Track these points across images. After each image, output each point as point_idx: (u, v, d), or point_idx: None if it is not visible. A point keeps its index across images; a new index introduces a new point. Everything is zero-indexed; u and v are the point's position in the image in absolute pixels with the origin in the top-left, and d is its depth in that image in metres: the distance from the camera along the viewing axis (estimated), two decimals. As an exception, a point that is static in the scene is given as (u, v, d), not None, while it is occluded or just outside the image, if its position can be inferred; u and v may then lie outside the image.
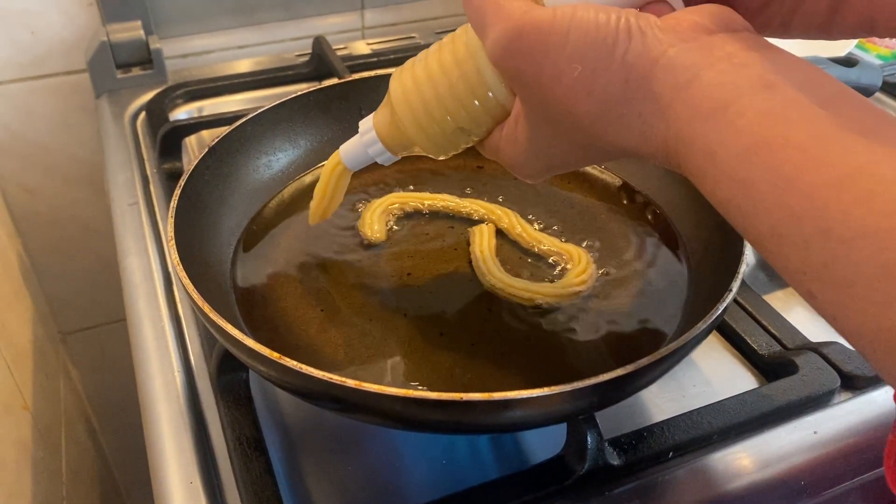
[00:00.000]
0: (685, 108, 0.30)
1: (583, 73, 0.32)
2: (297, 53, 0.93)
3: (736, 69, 0.29)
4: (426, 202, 0.60)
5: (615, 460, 0.45)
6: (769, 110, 0.27)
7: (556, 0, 0.34)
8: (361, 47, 0.95)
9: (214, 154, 0.55)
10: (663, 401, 0.51)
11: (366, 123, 0.46)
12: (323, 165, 0.51)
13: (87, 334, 1.08)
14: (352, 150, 0.48)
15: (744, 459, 0.47)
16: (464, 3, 0.36)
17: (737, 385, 0.52)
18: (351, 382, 0.37)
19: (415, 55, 0.43)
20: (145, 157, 0.76)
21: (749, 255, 0.63)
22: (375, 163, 0.48)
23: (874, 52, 0.92)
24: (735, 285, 0.43)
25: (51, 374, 0.94)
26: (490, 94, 0.39)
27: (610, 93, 0.32)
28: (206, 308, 0.41)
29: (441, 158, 0.44)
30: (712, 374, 0.53)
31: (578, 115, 0.33)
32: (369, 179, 0.62)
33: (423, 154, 0.44)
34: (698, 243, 0.54)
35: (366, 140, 0.46)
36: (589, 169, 0.63)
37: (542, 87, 0.33)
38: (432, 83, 0.40)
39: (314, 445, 0.49)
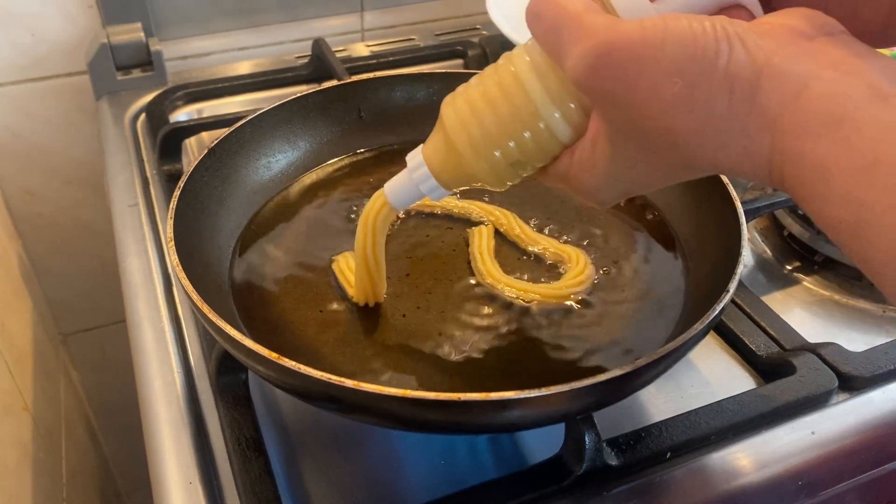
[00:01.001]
0: (794, 123, 0.28)
1: (683, 88, 0.30)
2: (297, 55, 0.93)
3: (845, 78, 0.27)
4: (424, 203, 0.60)
5: (613, 461, 0.45)
6: (887, 124, 0.26)
7: (630, 9, 0.32)
8: (361, 49, 0.95)
9: (214, 155, 0.56)
10: (661, 401, 0.51)
11: (415, 158, 0.42)
12: (318, 167, 0.50)
13: (88, 335, 1.08)
14: (400, 188, 0.44)
15: (742, 460, 0.47)
16: (531, 22, 0.35)
17: (735, 386, 0.52)
18: (349, 383, 0.37)
19: (416, 55, 0.42)
20: (145, 158, 0.76)
21: (747, 256, 0.63)
22: (374, 162, 0.47)
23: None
24: (732, 286, 0.44)
25: (51, 375, 0.94)
26: (557, 115, 0.36)
27: (713, 107, 0.30)
28: (205, 308, 0.41)
29: (499, 190, 0.41)
30: (710, 375, 0.54)
31: (675, 132, 0.31)
32: (367, 180, 0.62)
33: (481, 186, 0.41)
34: (696, 244, 0.54)
35: (418, 176, 0.42)
36: (587, 170, 0.63)
37: (635, 106, 0.31)
38: (492, 108, 0.37)
39: (313, 446, 0.49)
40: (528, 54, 0.37)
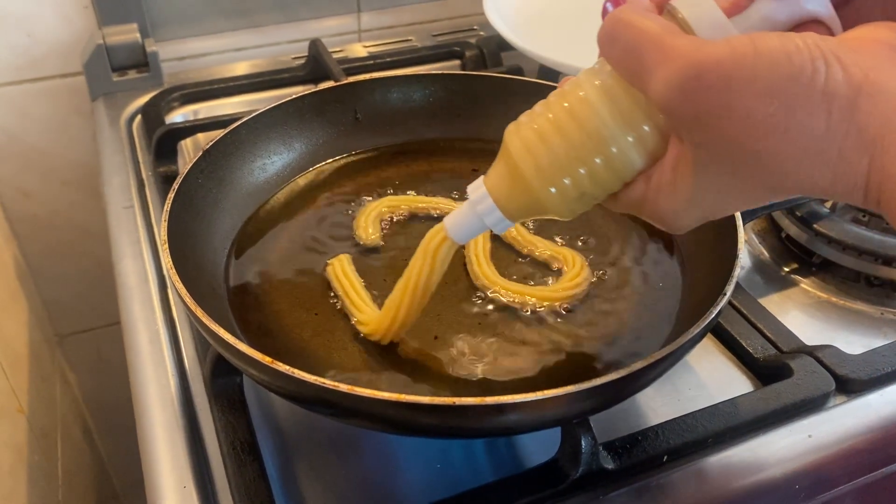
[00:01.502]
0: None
1: (778, 109, 0.29)
2: (294, 56, 0.92)
3: None
4: (421, 205, 0.60)
5: (609, 464, 0.45)
6: None
7: (710, 28, 0.32)
8: (358, 50, 0.95)
9: (209, 157, 0.55)
10: (658, 404, 0.51)
11: (477, 190, 0.41)
12: (313, 168, 0.49)
13: (84, 337, 1.07)
14: (463, 222, 0.43)
15: (739, 463, 0.47)
16: (605, 45, 0.34)
17: (732, 388, 0.52)
18: (343, 387, 0.37)
19: (413, 56, 0.42)
20: (141, 160, 0.76)
21: (744, 258, 0.63)
22: (370, 163, 0.47)
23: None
24: (730, 288, 0.43)
25: (47, 377, 0.94)
26: (631, 139, 0.35)
27: (810, 129, 0.29)
28: (199, 312, 0.41)
29: (566, 219, 0.40)
30: (707, 378, 0.53)
31: (767, 155, 0.30)
32: (364, 182, 0.62)
33: (547, 217, 0.40)
34: (693, 246, 0.54)
35: (482, 209, 0.40)
36: (584, 172, 0.63)
37: (726, 129, 0.30)
38: (561, 134, 0.36)
39: (308, 449, 0.48)
40: (597, 78, 0.36)
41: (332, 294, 0.52)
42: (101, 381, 1.11)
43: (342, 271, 0.53)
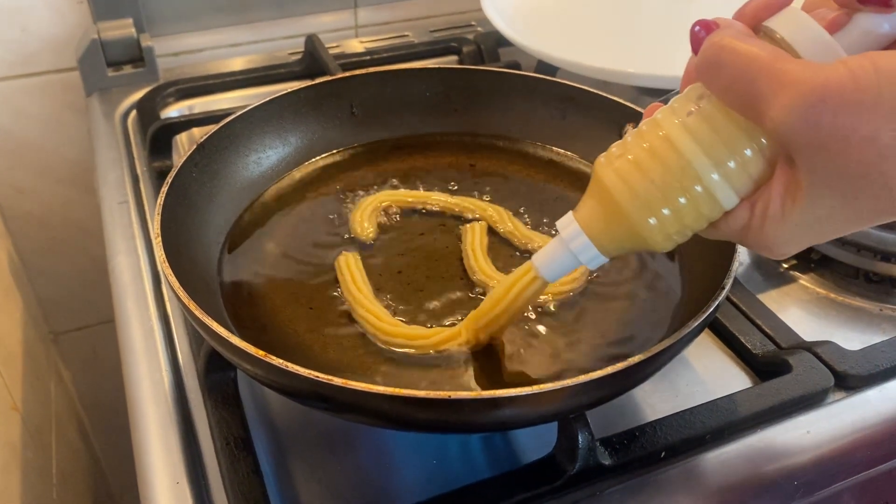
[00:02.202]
0: None
1: None
2: (290, 52, 0.92)
3: None
4: (417, 200, 0.59)
5: (607, 460, 0.44)
6: None
7: (818, 51, 0.32)
8: (355, 46, 0.94)
9: (203, 151, 0.55)
10: (656, 400, 0.51)
11: (569, 226, 0.40)
12: (309, 162, 0.49)
13: (79, 335, 1.07)
14: (555, 259, 0.41)
15: (737, 459, 0.47)
16: (710, 73, 0.34)
17: (730, 384, 0.52)
18: (338, 381, 0.36)
19: (410, 51, 0.41)
20: (135, 155, 0.75)
21: (743, 254, 0.63)
22: (366, 157, 0.47)
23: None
24: (728, 283, 0.43)
25: (41, 374, 0.93)
26: (733, 166, 0.35)
27: None
28: (192, 306, 0.40)
29: (663, 250, 0.39)
30: (706, 374, 0.53)
31: (891, 177, 0.30)
32: (359, 176, 0.62)
33: (641, 249, 0.39)
34: (691, 241, 0.53)
35: (577, 246, 0.40)
36: (582, 166, 0.63)
37: (849, 154, 0.30)
38: (660, 163, 0.35)
39: (303, 445, 0.48)
40: (693, 104, 0.35)
41: (333, 289, 0.52)
42: (96, 379, 1.11)
43: (347, 265, 0.52)
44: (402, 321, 0.49)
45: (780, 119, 0.31)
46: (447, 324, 0.49)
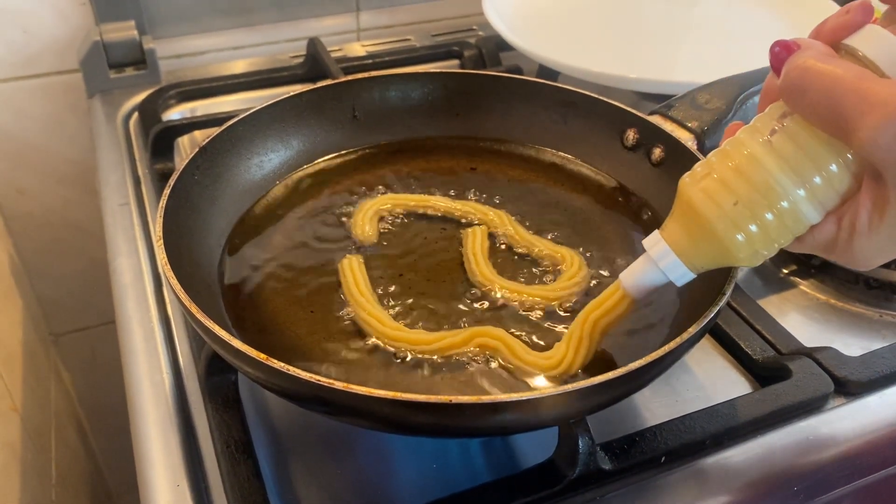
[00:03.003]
0: None
1: None
2: (292, 55, 0.92)
3: None
4: (418, 203, 0.59)
5: (607, 465, 0.44)
6: None
7: (893, 65, 0.32)
8: (357, 49, 0.95)
9: (205, 154, 0.55)
10: (656, 405, 0.51)
11: (657, 245, 0.41)
12: (310, 165, 0.48)
13: (79, 336, 1.07)
14: (643, 278, 0.43)
15: (737, 465, 0.47)
16: (794, 96, 0.34)
17: (730, 390, 0.52)
18: (339, 384, 0.36)
19: (412, 55, 0.41)
20: (137, 157, 0.75)
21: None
22: (368, 161, 0.47)
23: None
24: (728, 288, 0.43)
25: (41, 375, 0.93)
26: (818, 181, 0.36)
27: None
28: (194, 308, 0.40)
29: (750, 265, 0.40)
30: (706, 379, 0.53)
31: None
32: (361, 180, 0.62)
33: (728, 265, 0.40)
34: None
35: (666, 264, 0.41)
36: (584, 170, 0.63)
37: None
38: (746, 181, 0.37)
39: (303, 448, 0.48)
40: (776, 123, 0.36)
41: (334, 292, 0.52)
42: (96, 381, 1.11)
43: (349, 268, 0.52)
44: (403, 325, 0.49)
45: (869, 139, 0.32)
46: (445, 328, 0.49)
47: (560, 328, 0.49)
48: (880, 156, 0.32)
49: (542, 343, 0.48)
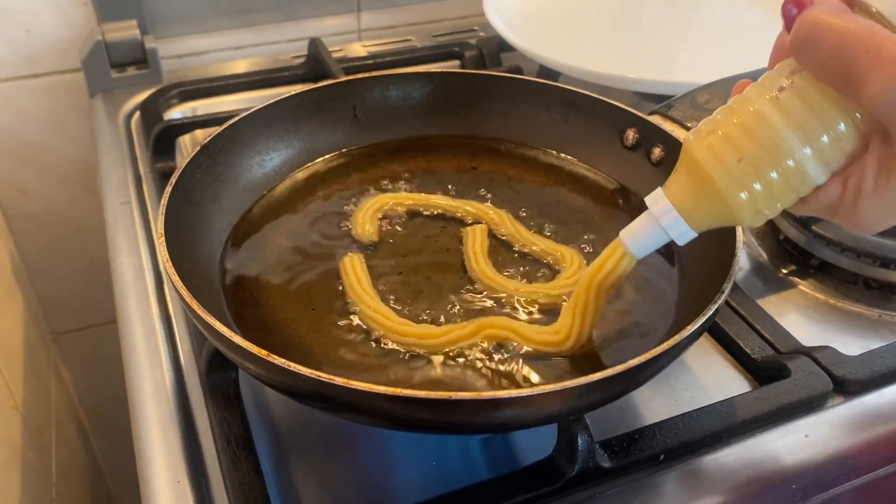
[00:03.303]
0: None
1: None
2: (293, 55, 0.92)
3: None
4: (419, 202, 0.59)
5: (606, 462, 0.45)
6: None
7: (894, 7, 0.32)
8: (358, 49, 0.95)
9: (207, 152, 0.55)
10: (655, 404, 0.51)
11: (659, 202, 0.40)
12: (311, 164, 0.49)
13: (79, 335, 1.07)
14: (644, 235, 0.42)
15: (735, 463, 0.47)
16: (805, 50, 0.33)
17: (729, 389, 0.52)
18: (339, 380, 0.36)
19: (413, 55, 0.41)
20: (139, 156, 0.75)
21: (742, 260, 0.63)
22: (369, 160, 0.47)
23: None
24: (727, 286, 0.43)
25: (42, 374, 0.93)
26: (825, 139, 0.35)
27: None
28: (195, 305, 0.41)
29: (753, 225, 0.40)
30: (705, 378, 0.53)
31: None
32: (362, 178, 0.62)
33: (735, 224, 0.40)
34: (691, 246, 0.54)
35: (667, 221, 0.40)
36: (583, 170, 0.63)
37: None
38: (752, 138, 0.36)
39: (304, 445, 0.48)
40: (785, 79, 0.36)
41: (335, 290, 0.52)
42: (96, 380, 1.11)
43: (351, 266, 0.53)
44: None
45: (879, 95, 0.31)
46: (447, 322, 0.49)
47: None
48: (889, 113, 0.31)
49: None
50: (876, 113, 0.32)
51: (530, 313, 0.50)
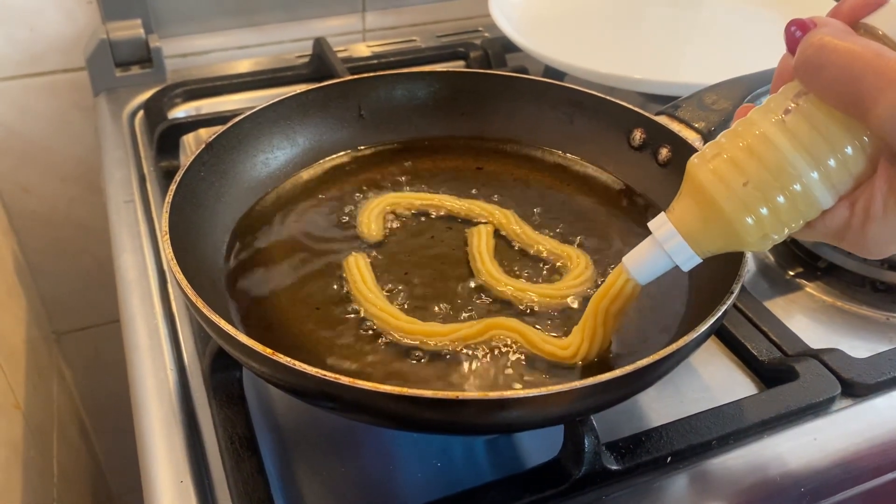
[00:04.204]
0: None
1: None
2: (298, 55, 0.92)
3: None
4: (424, 202, 0.59)
5: (612, 464, 0.44)
6: None
7: None
8: (362, 50, 0.95)
9: (211, 150, 0.55)
10: (662, 406, 0.51)
11: (663, 227, 0.39)
12: (316, 164, 0.48)
13: (82, 335, 1.07)
14: (648, 261, 0.41)
15: (742, 466, 0.46)
16: (810, 74, 0.33)
17: (736, 391, 0.52)
18: (344, 379, 0.36)
19: (417, 56, 0.41)
20: (143, 155, 0.75)
21: (749, 262, 0.62)
22: (374, 160, 0.47)
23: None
24: (736, 287, 0.43)
25: (44, 374, 0.93)
26: (832, 163, 0.34)
27: None
28: (199, 303, 0.40)
29: (759, 250, 0.39)
30: (712, 381, 0.53)
31: None
32: (367, 178, 0.62)
33: (737, 249, 0.39)
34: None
35: (672, 246, 0.39)
36: (590, 170, 0.63)
37: None
38: (758, 162, 0.35)
39: (307, 446, 0.48)
40: (790, 102, 0.35)
41: (340, 289, 0.51)
42: (98, 380, 1.11)
43: (357, 269, 0.52)
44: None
45: (887, 116, 0.31)
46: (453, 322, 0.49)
47: (565, 327, 0.49)
48: None
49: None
50: (884, 134, 0.32)
51: (536, 314, 0.50)
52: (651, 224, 0.40)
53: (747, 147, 0.36)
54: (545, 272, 0.53)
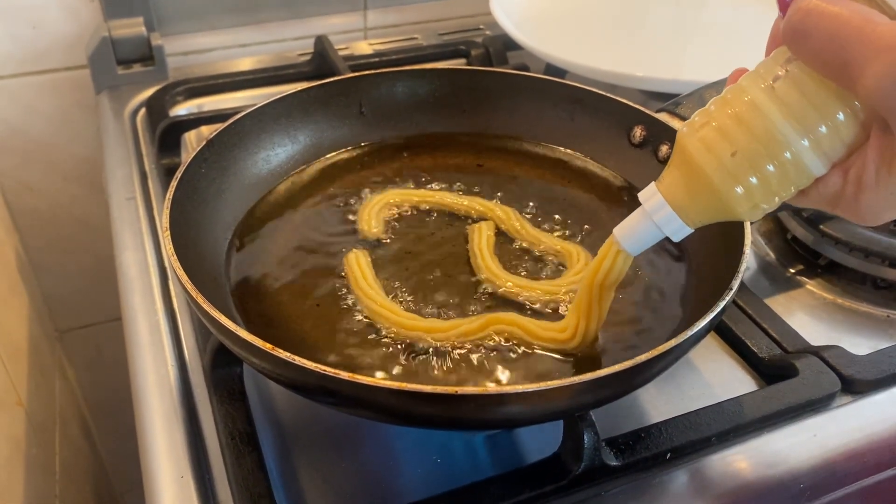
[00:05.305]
0: None
1: None
2: (299, 53, 0.92)
3: None
4: (425, 199, 0.59)
5: (612, 460, 0.44)
6: None
7: None
8: (364, 48, 0.95)
9: (212, 147, 0.55)
10: (662, 402, 0.51)
11: (652, 198, 0.39)
12: (317, 160, 0.48)
13: (84, 333, 1.07)
14: (637, 231, 0.40)
15: (742, 462, 0.47)
16: (797, 40, 0.32)
17: (736, 388, 0.52)
18: (345, 374, 0.36)
19: (419, 54, 0.41)
20: (144, 152, 0.75)
21: (750, 259, 0.62)
22: (374, 156, 0.47)
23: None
24: (735, 283, 0.43)
25: (46, 371, 0.93)
26: (823, 130, 0.33)
27: None
28: (200, 299, 0.40)
29: (750, 220, 0.38)
30: (711, 377, 0.53)
31: None
32: (367, 175, 0.62)
33: (731, 220, 0.38)
34: (699, 243, 0.54)
35: (661, 217, 0.38)
36: (590, 167, 0.63)
37: None
38: (746, 130, 0.34)
39: (308, 441, 0.48)
40: (780, 69, 0.34)
41: (340, 286, 0.52)
42: (100, 378, 1.11)
43: (358, 265, 0.52)
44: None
45: (874, 86, 0.30)
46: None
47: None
48: (885, 104, 0.30)
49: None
50: (872, 104, 0.31)
51: (536, 310, 0.50)
52: (641, 194, 0.40)
53: (736, 115, 0.35)
54: (546, 269, 0.53)
